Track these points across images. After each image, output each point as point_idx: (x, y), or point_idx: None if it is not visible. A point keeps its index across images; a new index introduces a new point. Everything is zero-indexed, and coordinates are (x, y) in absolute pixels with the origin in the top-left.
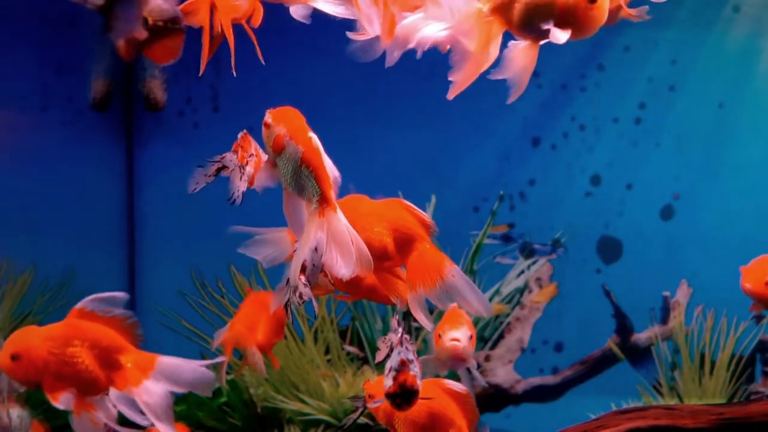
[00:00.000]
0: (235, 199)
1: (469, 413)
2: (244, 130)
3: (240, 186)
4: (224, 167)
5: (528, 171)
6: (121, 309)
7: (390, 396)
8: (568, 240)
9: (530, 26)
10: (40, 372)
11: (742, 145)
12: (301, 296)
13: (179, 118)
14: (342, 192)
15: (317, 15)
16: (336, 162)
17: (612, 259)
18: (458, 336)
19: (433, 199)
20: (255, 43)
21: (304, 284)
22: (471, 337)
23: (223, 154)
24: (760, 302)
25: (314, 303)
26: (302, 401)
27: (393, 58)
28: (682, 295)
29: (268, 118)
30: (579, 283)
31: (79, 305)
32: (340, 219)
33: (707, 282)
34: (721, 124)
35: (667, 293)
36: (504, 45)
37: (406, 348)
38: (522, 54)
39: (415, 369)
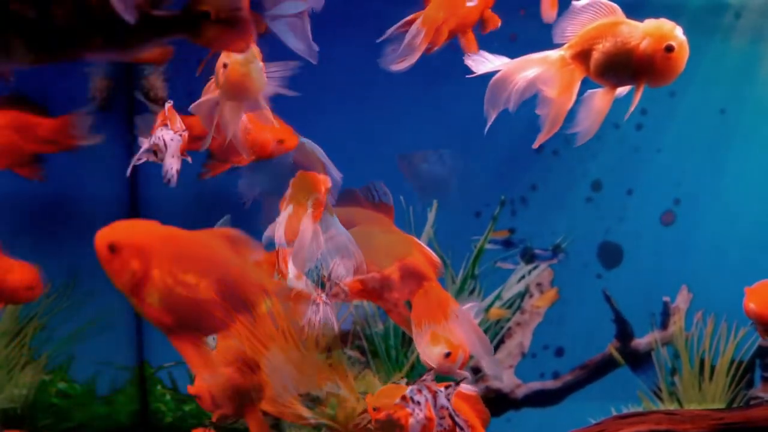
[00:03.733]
0: (170, 179)
1: (481, 413)
2: (170, 102)
3: (173, 164)
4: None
5: (529, 176)
6: None
7: (376, 421)
8: (569, 245)
9: (608, 73)
10: None
11: (743, 151)
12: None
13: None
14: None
15: (319, 18)
16: (339, 167)
17: (613, 265)
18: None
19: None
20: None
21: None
22: (448, 354)
23: (156, 135)
24: (762, 323)
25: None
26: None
27: (491, 118)
28: (682, 300)
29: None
30: (580, 288)
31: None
32: (336, 221)
33: (707, 287)
34: (722, 129)
35: (667, 298)
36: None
37: (418, 389)
38: (599, 98)
39: (416, 410)
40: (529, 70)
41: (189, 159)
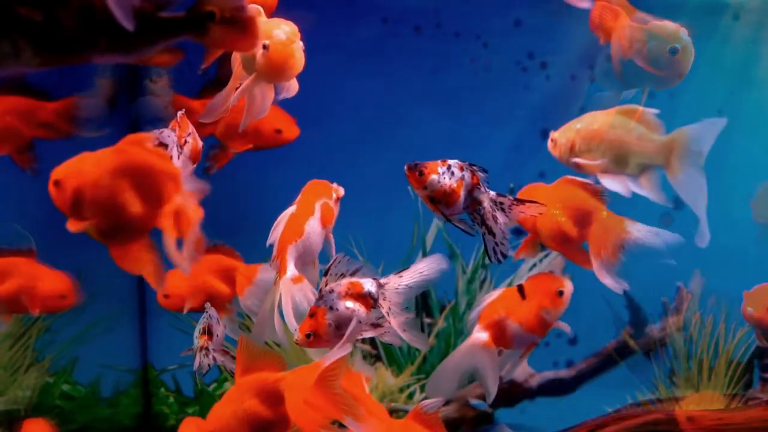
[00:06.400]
0: None
1: None
2: (182, 111)
3: (180, 166)
4: (162, 144)
5: (538, 163)
6: None
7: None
8: None
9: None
10: None
11: (741, 151)
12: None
13: None
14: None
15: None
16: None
17: None
18: None
19: None
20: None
21: None
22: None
23: (161, 130)
24: (761, 327)
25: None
26: None
27: None
28: (695, 285)
29: None
30: (592, 276)
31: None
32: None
33: (720, 272)
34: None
35: (680, 283)
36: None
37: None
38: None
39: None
40: None
41: (194, 166)
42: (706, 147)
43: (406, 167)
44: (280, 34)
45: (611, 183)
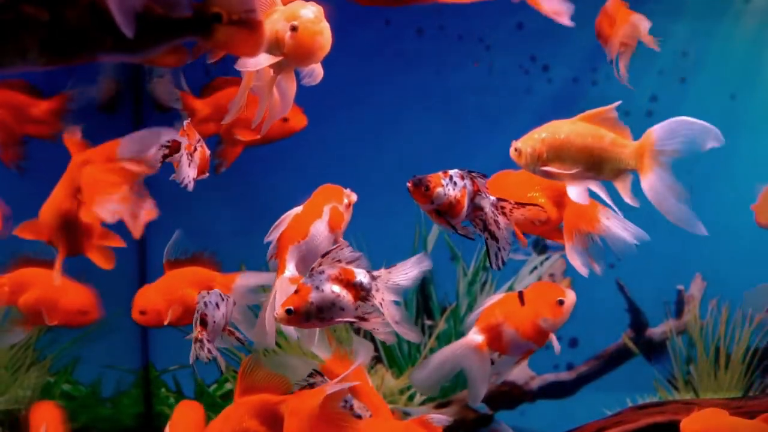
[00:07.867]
0: (186, 185)
1: None
2: (188, 120)
3: (189, 172)
4: (174, 142)
5: None
6: None
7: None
8: None
9: None
10: None
11: (754, 136)
12: None
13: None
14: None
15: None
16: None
17: None
18: None
19: None
20: None
21: None
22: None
23: (173, 138)
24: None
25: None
26: None
27: None
28: (696, 288)
29: None
30: (592, 278)
31: None
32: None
33: (721, 275)
34: (733, 115)
35: (681, 287)
36: None
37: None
38: None
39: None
40: None
41: (206, 175)
42: (677, 146)
43: (410, 184)
44: (308, 13)
45: (575, 193)
